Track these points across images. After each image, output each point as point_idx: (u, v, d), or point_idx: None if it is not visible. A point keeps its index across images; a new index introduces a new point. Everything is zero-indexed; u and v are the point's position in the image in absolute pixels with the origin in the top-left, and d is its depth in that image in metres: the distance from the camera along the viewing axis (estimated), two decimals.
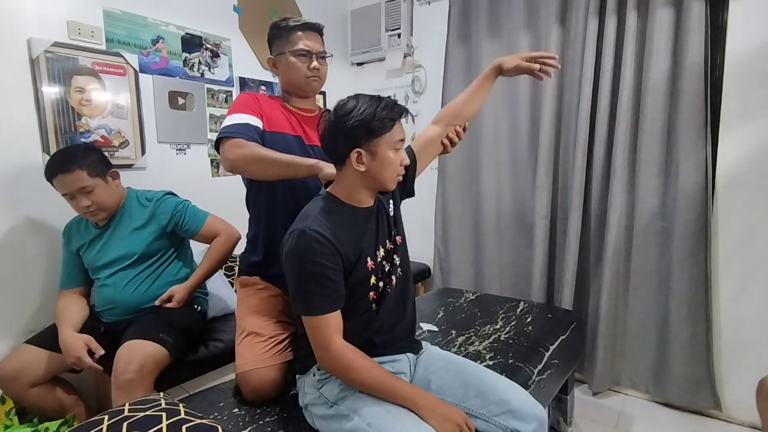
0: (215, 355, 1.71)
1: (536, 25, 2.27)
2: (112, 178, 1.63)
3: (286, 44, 1.36)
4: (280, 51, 1.38)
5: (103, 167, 1.60)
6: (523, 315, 1.79)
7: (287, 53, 1.36)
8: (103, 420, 0.90)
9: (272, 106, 1.39)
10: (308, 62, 1.37)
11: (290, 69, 1.37)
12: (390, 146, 1.05)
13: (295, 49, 1.35)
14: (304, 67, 1.36)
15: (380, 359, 1.11)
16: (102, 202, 1.56)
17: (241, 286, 1.44)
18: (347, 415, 1.00)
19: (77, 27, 1.81)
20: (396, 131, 1.06)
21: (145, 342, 1.44)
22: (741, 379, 1.92)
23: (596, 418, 2.01)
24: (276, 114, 1.38)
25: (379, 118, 1.02)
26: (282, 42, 1.37)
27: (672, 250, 1.95)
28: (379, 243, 1.13)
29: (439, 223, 2.67)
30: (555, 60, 1.35)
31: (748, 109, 1.83)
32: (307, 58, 1.37)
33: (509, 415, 1.05)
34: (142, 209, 1.66)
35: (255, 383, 1.23)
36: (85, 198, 1.53)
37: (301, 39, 1.36)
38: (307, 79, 1.38)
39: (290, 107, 1.43)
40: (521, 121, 2.35)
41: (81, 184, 1.51)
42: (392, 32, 2.79)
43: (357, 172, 1.06)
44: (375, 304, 1.11)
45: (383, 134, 1.04)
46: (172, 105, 2.14)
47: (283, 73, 1.40)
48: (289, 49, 1.36)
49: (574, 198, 2.14)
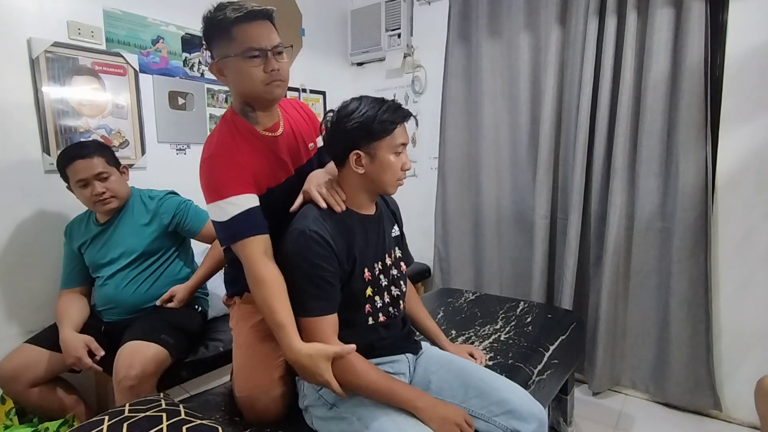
0: (215, 356, 1.71)
1: (536, 25, 2.27)
2: (122, 172, 1.68)
3: (230, 44, 1.05)
4: (224, 54, 1.06)
5: (116, 161, 1.66)
6: (523, 315, 1.79)
7: (233, 57, 1.05)
8: (103, 420, 0.90)
9: (249, 149, 1.11)
10: (263, 63, 1.05)
11: (242, 76, 1.06)
12: (390, 150, 1.05)
13: (243, 49, 1.04)
14: (259, 71, 1.05)
15: (379, 360, 1.11)
16: (116, 190, 1.60)
17: (244, 303, 1.26)
18: (347, 417, 1.00)
19: (77, 27, 1.81)
20: (397, 135, 1.05)
21: (145, 343, 1.44)
22: (741, 379, 1.92)
23: (596, 418, 2.01)
24: (257, 160, 1.11)
25: (380, 121, 1.02)
26: (224, 41, 1.06)
27: (672, 250, 1.95)
28: (377, 256, 1.13)
29: (439, 223, 2.67)
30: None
31: (748, 109, 1.83)
32: (260, 59, 1.05)
33: (509, 415, 1.06)
34: (144, 207, 1.67)
35: (261, 409, 1.14)
36: (100, 184, 1.57)
37: (248, 34, 1.04)
38: (266, 85, 1.07)
39: (261, 132, 1.14)
40: (521, 121, 2.35)
41: (99, 170, 1.56)
42: (392, 32, 2.79)
43: (356, 174, 1.06)
44: (371, 318, 1.11)
45: (383, 137, 1.03)
46: (172, 105, 2.14)
47: (233, 82, 1.09)
48: (235, 51, 1.04)
49: (574, 198, 2.15)
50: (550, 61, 2.19)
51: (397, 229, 1.24)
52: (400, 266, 1.20)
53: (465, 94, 2.53)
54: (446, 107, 2.56)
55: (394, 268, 1.18)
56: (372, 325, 1.12)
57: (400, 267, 1.20)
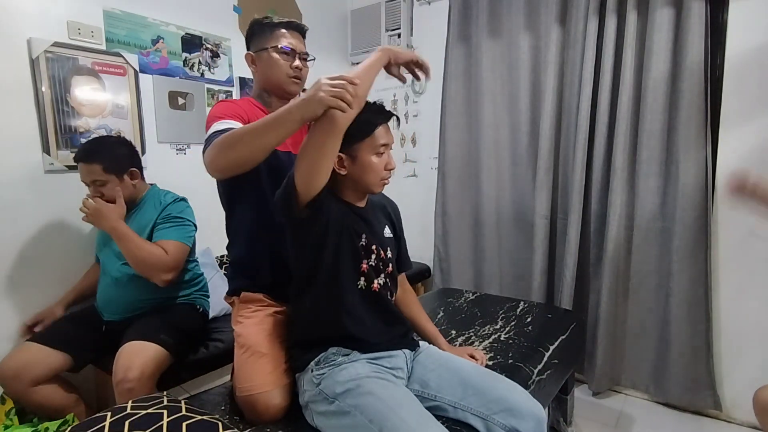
0: (216, 355, 1.71)
1: (536, 25, 2.27)
2: (130, 177, 1.65)
3: (269, 40, 1.29)
4: (261, 47, 1.30)
5: (123, 165, 1.63)
6: (523, 315, 1.79)
7: (269, 49, 1.29)
8: (105, 417, 0.91)
9: (253, 112, 1.28)
10: (291, 61, 1.30)
11: (271, 66, 1.30)
12: (372, 151, 1.07)
13: (279, 45, 1.29)
14: (286, 66, 1.30)
15: (376, 354, 1.12)
16: (112, 197, 1.59)
17: (242, 302, 1.31)
18: (348, 411, 1.00)
19: (77, 27, 1.81)
20: (378, 135, 1.07)
21: (145, 343, 1.44)
22: (741, 379, 1.92)
23: (596, 418, 2.01)
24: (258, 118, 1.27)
25: (359, 122, 1.03)
26: (264, 38, 1.30)
27: (672, 250, 1.95)
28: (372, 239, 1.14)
29: (439, 223, 2.67)
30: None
31: (748, 109, 1.83)
32: (290, 57, 1.30)
33: (507, 413, 1.06)
34: (153, 211, 1.66)
35: (262, 408, 1.13)
36: (95, 190, 1.59)
37: (285, 37, 1.30)
38: (289, 78, 1.30)
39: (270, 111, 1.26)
40: (521, 121, 2.35)
41: (94, 177, 1.57)
42: (392, 32, 2.79)
43: (340, 175, 1.08)
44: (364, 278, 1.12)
45: (363, 139, 1.06)
46: (172, 105, 2.14)
47: (262, 70, 1.32)
48: (271, 45, 1.29)
49: (574, 198, 2.15)
50: (550, 61, 2.19)
51: (389, 230, 1.24)
52: (388, 266, 1.19)
53: (465, 94, 2.53)
54: (446, 107, 2.56)
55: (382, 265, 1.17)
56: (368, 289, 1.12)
57: (387, 267, 1.19)
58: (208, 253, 2.20)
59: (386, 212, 1.27)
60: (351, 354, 1.10)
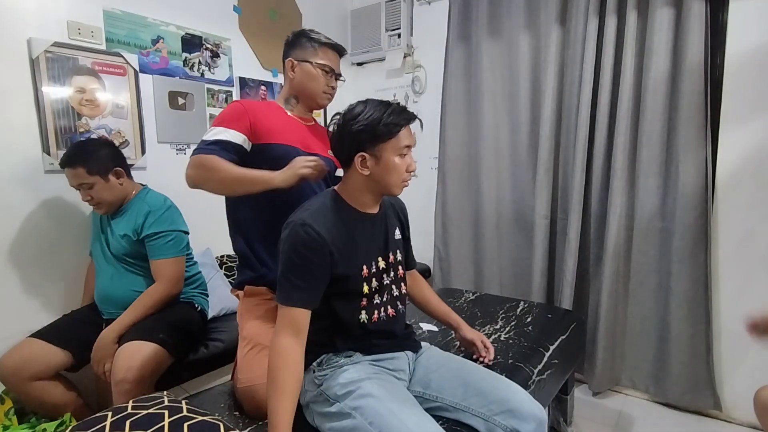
0: (215, 355, 1.72)
1: (536, 25, 2.27)
2: (115, 176, 1.64)
3: (314, 55, 1.39)
4: (304, 58, 1.39)
5: (107, 165, 1.62)
6: (523, 315, 1.79)
7: (313, 63, 1.38)
8: (106, 416, 0.91)
9: (270, 113, 1.35)
10: (329, 79, 1.41)
11: (311, 78, 1.39)
12: (395, 152, 1.07)
13: (323, 63, 1.39)
14: (323, 82, 1.40)
15: (378, 356, 1.12)
16: (101, 197, 1.62)
17: (246, 296, 1.35)
18: (349, 413, 1.00)
19: (77, 27, 1.81)
20: (402, 137, 1.07)
21: (144, 343, 1.44)
22: (741, 379, 1.92)
23: (596, 418, 2.01)
24: (275, 122, 1.33)
25: (385, 123, 1.04)
26: (309, 51, 1.39)
27: (672, 250, 1.95)
28: (378, 254, 1.14)
29: (439, 223, 2.67)
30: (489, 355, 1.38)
31: (748, 109, 1.83)
32: (329, 76, 1.41)
33: (508, 414, 1.06)
34: (139, 216, 1.64)
35: (261, 399, 1.12)
36: (84, 192, 1.61)
37: (329, 56, 1.41)
38: (322, 93, 1.41)
39: (290, 114, 1.41)
40: (521, 121, 2.35)
41: (80, 180, 1.59)
42: (392, 32, 2.79)
43: (362, 176, 1.08)
44: (366, 314, 1.11)
45: (388, 140, 1.05)
46: (172, 105, 2.14)
47: (300, 79, 1.40)
48: (316, 61, 1.38)
49: (574, 198, 2.15)
50: (550, 61, 2.19)
51: (399, 232, 1.24)
52: (398, 269, 1.20)
53: (465, 94, 2.53)
54: (446, 107, 2.56)
55: (392, 270, 1.18)
56: (369, 322, 1.12)
57: (398, 270, 1.20)
58: (208, 253, 2.20)
59: (396, 212, 1.26)
60: (353, 356, 1.11)
